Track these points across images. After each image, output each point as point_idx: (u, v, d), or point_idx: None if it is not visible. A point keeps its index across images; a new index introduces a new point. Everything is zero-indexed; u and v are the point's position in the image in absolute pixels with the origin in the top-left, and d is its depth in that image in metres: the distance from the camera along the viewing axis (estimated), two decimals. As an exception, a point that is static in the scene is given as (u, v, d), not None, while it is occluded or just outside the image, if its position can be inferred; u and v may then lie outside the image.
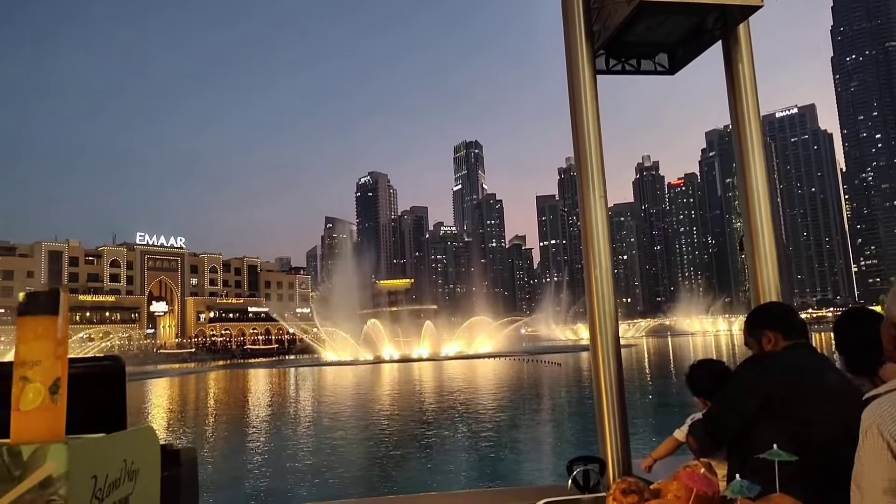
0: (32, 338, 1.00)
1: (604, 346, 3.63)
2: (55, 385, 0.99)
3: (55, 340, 1.01)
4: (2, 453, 0.89)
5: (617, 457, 3.51)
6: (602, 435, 3.59)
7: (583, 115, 3.79)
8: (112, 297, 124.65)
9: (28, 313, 1.02)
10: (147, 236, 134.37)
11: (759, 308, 2.99)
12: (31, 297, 1.03)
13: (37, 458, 0.88)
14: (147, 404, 41.84)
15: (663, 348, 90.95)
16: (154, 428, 1.25)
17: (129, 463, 1.06)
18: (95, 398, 1.68)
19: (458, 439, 22.33)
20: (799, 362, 2.54)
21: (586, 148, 3.78)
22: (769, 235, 3.79)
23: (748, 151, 3.88)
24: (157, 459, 1.23)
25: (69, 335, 1.06)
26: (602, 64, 4.34)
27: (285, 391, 48.62)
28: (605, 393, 3.60)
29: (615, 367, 3.63)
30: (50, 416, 0.97)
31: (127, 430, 1.17)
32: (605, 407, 3.59)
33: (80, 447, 0.93)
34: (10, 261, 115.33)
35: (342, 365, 79.10)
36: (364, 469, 18.22)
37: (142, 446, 1.16)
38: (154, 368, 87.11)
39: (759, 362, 2.63)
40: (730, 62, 3.95)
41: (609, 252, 3.73)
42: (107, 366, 1.81)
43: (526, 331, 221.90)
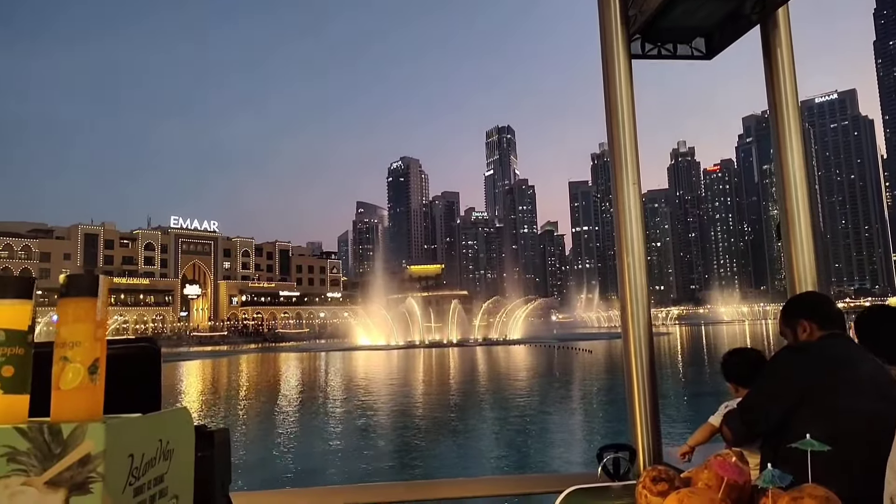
0: (73, 320, 1.03)
1: (636, 333, 3.62)
2: (94, 366, 1.03)
3: (94, 322, 1.04)
4: (42, 431, 0.92)
5: (648, 444, 3.50)
6: (633, 422, 3.59)
7: (617, 102, 3.75)
8: (146, 280, 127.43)
9: (69, 295, 1.05)
10: (181, 220, 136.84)
11: (795, 297, 2.95)
12: (72, 279, 1.06)
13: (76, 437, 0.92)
14: (181, 386, 42.91)
15: (697, 337, 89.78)
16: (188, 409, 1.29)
17: (164, 443, 1.10)
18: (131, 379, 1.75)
19: (486, 426, 22.45)
20: (835, 352, 2.51)
21: (620, 134, 3.75)
22: (806, 223, 3.72)
23: (785, 138, 3.80)
24: (191, 440, 1.25)
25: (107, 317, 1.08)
26: (637, 49, 4.28)
27: (316, 374, 49.34)
28: (637, 380, 3.59)
29: (647, 354, 3.61)
30: (89, 396, 1.01)
31: (162, 411, 1.19)
32: (637, 394, 3.58)
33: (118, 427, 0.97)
34: (48, 243, 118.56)
35: (372, 349, 79.89)
36: (393, 453, 18.46)
37: (177, 427, 1.19)
38: (187, 351, 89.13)
39: (796, 352, 2.60)
40: (768, 47, 3.86)
41: (642, 239, 3.71)
42: (143, 347, 1.86)
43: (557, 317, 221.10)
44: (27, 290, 1.04)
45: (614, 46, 3.76)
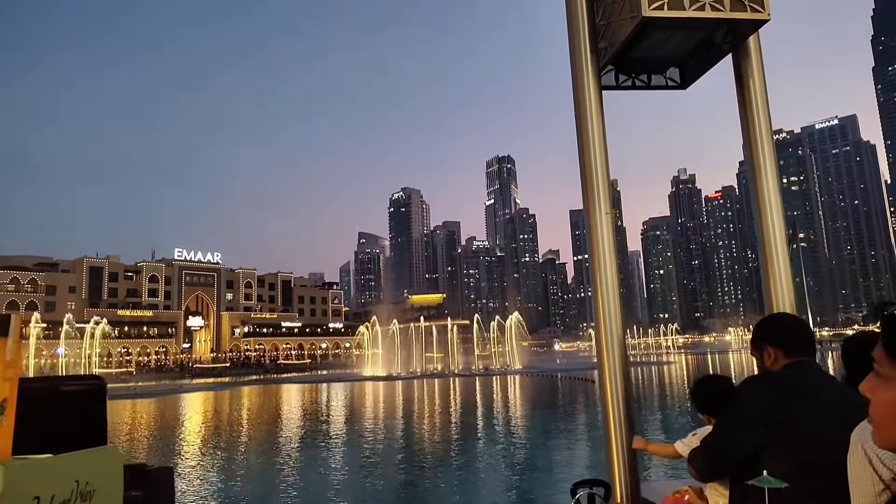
0: None
1: (611, 365, 3.57)
2: (1, 406, 1.00)
3: (4, 362, 1.02)
4: None
5: (624, 480, 3.43)
6: (609, 457, 3.52)
7: (588, 132, 3.76)
8: (150, 312, 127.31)
9: None
10: (185, 252, 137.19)
11: (763, 320, 2.85)
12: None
13: None
14: (182, 418, 42.52)
15: (701, 366, 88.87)
16: (117, 447, 1.22)
17: (82, 483, 1.05)
18: (76, 416, 1.73)
19: (472, 457, 22.17)
20: (798, 382, 2.42)
21: (592, 165, 3.75)
22: (783, 252, 3.69)
23: (760, 164, 3.80)
24: (118, 480, 1.21)
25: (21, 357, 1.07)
26: (611, 80, 4.32)
27: (316, 407, 48.87)
28: (612, 413, 3.52)
29: (623, 387, 3.55)
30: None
31: (81, 451, 1.15)
32: (613, 427, 3.52)
33: (20, 468, 0.93)
34: (54, 276, 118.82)
35: (374, 380, 79.25)
36: (388, 487, 18.16)
37: (100, 466, 1.15)
38: (189, 383, 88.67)
39: (755, 385, 2.53)
40: (740, 76, 3.89)
41: (615, 270, 3.68)
42: (88, 384, 1.85)
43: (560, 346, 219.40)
44: None
45: (584, 78, 3.78)
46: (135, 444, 29.32)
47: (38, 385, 1.64)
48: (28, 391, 1.35)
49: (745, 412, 2.43)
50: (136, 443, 29.73)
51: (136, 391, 70.38)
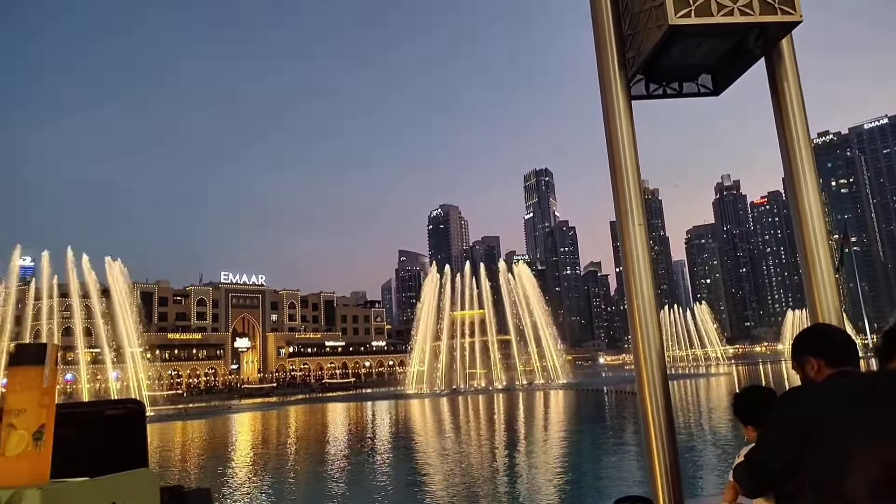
0: (20, 388, 1.06)
1: (650, 379, 3.50)
2: (39, 432, 1.04)
3: (41, 390, 1.06)
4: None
5: (667, 496, 3.34)
6: (651, 472, 3.43)
7: (619, 144, 3.73)
8: (199, 335, 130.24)
9: (17, 364, 1.08)
10: (231, 275, 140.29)
11: (803, 332, 2.77)
12: (20, 348, 1.09)
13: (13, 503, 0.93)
14: (233, 439, 43.22)
15: (754, 377, 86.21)
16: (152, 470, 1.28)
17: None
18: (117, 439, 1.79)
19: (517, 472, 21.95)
20: (840, 392, 2.32)
21: (624, 175, 3.71)
22: (826, 260, 3.57)
23: (798, 171, 3.70)
24: (154, 501, 1.25)
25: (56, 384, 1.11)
26: (641, 89, 4.27)
27: (363, 425, 49.09)
28: (654, 428, 3.45)
29: (663, 401, 3.48)
30: (32, 462, 1.03)
31: (118, 474, 1.19)
32: (654, 442, 3.43)
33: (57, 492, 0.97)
34: (107, 303, 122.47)
35: (418, 397, 79.29)
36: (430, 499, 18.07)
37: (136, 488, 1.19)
38: (238, 403, 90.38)
39: (794, 397, 2.44)
40: (774, 80, 3.80)
41: (652, 281, 3.61)
42: (128, 408, 1.91)
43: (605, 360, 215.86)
44: None
45: (613, 89, 3.76)
46: (185, 464, 29.92)
47: (79, 410, 1.70)
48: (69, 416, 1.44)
49: (778, 425, 2.36)
50: (185, 463, 30.34)
51: (187, 412, 72.03)
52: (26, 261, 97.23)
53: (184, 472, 27.12)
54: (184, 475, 25.75)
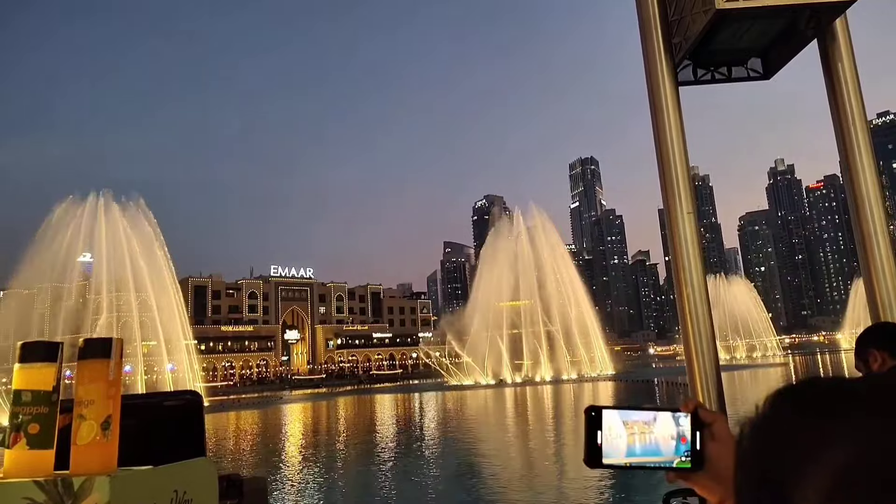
0: (88, 380, 1.13)
1: (701, 370, 3.44)
2: (107, 422, 1.11)
3: (107, 381, 1.14)
4: (57, 484, 1.01)
5: (719, 489, 3.28)
6: (702, 466, 3.38)
7: (666, 131, 3.66)
8: (251, 328, 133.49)
9: (85, 357, 1.15)
10: (280, 268, 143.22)
11: (868, 328, 2.72)
12: (88, 343, 1.17)
13: (84, 490, 1.00)
14: (285, 428, 44.30)
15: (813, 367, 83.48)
16: (211, 459, 1.34)
17: (180, 493, 1.16)
18: (176, 429, 1.87)
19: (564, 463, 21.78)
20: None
21: (671, 163, 3.64)
22: (885, 245, 3.44)
23: (855, 156, 3.56)
24: (213, 489, 1.32)
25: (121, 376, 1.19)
26: (689, 75, 4.18)
27: (410, 415, 49.60)
28: (704, 421, 3.39)
29: (715, 392, 3.42)
30: (102, 450, 1.10)
31: (178, 463, 1.24)
32: (705, 436, 3.38)
33: (124, 479, 1.04)
34: (162, 297, 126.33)
35: (464, 389, 79.58)
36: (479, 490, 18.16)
37: (195, 477, 1.25)
38: (289, 394, 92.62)
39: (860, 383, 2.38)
40: (827, 62, 3.67)
41: (702, 270, 3.55)
42: (186, 399, 1.99)
43: (655, 350, 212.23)
44: (52, 353, 1.14)
45: (659, 76, 3.68)
46: (239, 453, 30.81)
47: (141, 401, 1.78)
48: (132, 407, 1.46)
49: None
50: (240, 452, 31.23)
51: (241, 403, 74.11)
52: (86, 257, 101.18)
53: (238, 460, 27.93)
54: (239, 463, 26.53)
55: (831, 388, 0.61)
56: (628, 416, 1.23)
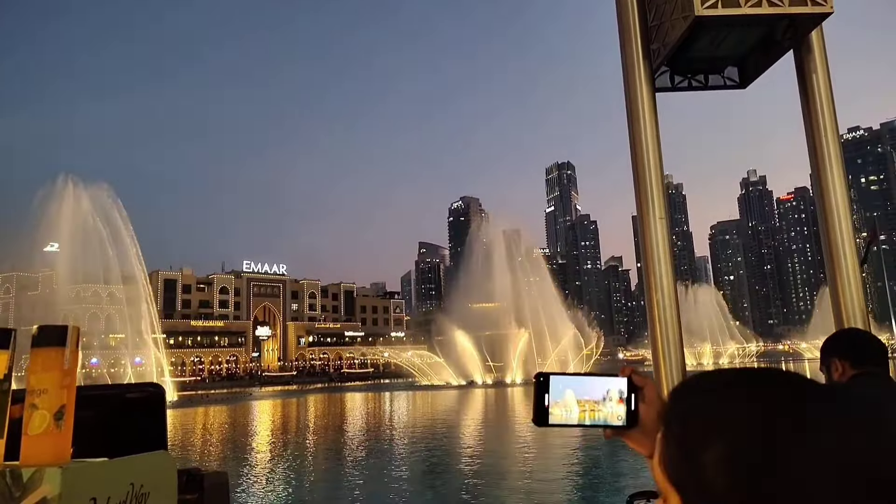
0: (41, 368, 1.08)
1: (668, 374, 3.46)
2: (60, 412, 1.06)
3: (62, 371, 1.08)
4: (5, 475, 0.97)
5: (684, 493, 3.31)
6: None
7: (641, 135, 3.68)
8: (221, 323, 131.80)
9: (39, 345, 1.09)
10: (252, 264, 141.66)
11: (830, 336, 2.76)
12: (42, 330, 1.11)
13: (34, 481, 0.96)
14: (252, 424, 43.82)
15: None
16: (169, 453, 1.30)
17: (136, 486, 1.12)
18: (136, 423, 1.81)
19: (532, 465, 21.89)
20: (863, 394, 2.28)
21: (646, 167, 3.66)
22: (851, 256, 3.50)
23: (825, 167, 3.62)
24: (172, 483, 1.27)
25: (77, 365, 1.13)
26: (666, 81, 4.21)
27: (379, 414, 49.43)
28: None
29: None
30: (54, 441, 1.05)
31: (136, 455, 1.20)
32: (672, 440, 3.40)
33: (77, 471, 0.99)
34: (131, 289, 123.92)
35: (434, 389, 79.62)
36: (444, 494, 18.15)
37: (154, 470, 1.21)
38: (259, 391, 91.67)
39: None
40: (802, 73, 3.73)
41: (672, 276, 3.57)
42: (148, 392, 1.93)
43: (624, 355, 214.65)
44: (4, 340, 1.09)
45: (636, 81, 3.70)
46: (204, 448, 30.38)
47: (100, 392, 1.72)
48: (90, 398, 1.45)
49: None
50: (205, 447, 30.80)
51: (208, 398, 73.13)
52: (54, 247, 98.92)
53: (202, 455, 27.53)
54: (202, 458, 26.15)
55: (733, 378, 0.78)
56: (573, 381, 1.37)
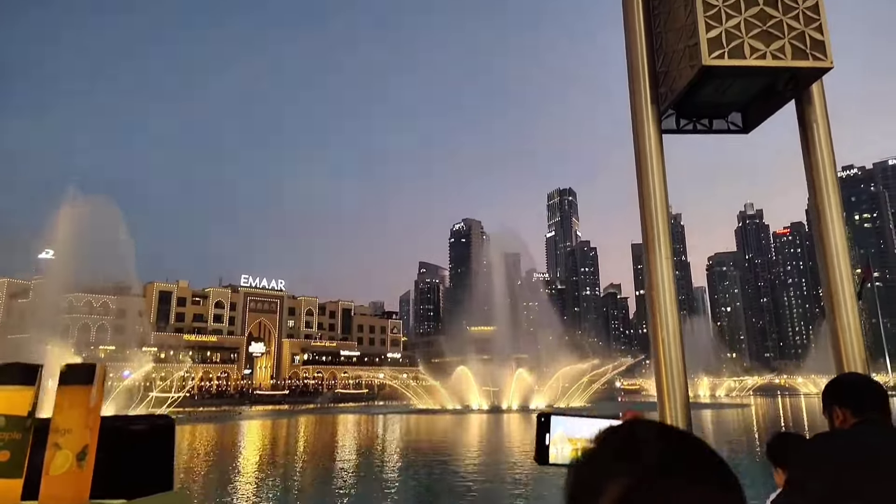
0: (68, 406, 1.08)
1: (672, 412, 3.52)
2: (83, 452, 1.07)
3: (87, 409, 1.09)
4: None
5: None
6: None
7: (649, 177, 3.78)
8: (214, 338, 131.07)
9: (66, 383, 1.09)
10: (251, 279, 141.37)
11: (830, 382, 2.82)
12: (70, 368, 1.11)
13: None
14: (238, 446, 43.39)
15: (774, 410, 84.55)
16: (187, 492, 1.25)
17: None
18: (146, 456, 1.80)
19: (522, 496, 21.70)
20: (864, 442, 2.35)
21: (653, 210, 3.76)
22: (851, 302, 3.58)
23: (826, 213, 3.72)
24: None
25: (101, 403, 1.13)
26: (672, 123, 4.34)
27: (372, 439, 48.98)
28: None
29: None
30: (75, 482, 1.05)
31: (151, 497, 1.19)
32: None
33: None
34: (124, 300, 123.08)
35: (430, 413, 78.97)
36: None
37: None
38: (248, 410, 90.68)
39: (819, 444, 2.47)
40: (804, 122, 3.85)
41: (677, 315, 3.65)
42: (157, 424, 1.93)
43: (621, 383, 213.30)
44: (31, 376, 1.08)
45: (645, 124, 3.82)
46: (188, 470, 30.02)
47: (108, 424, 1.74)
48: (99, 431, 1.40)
49: (804, 472, 2.39)
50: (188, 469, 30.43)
51: (195, 416, 72.12)
52: (49, 254, 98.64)
53: (186, 478, 27.19)
54: (185, 482, 25.81)
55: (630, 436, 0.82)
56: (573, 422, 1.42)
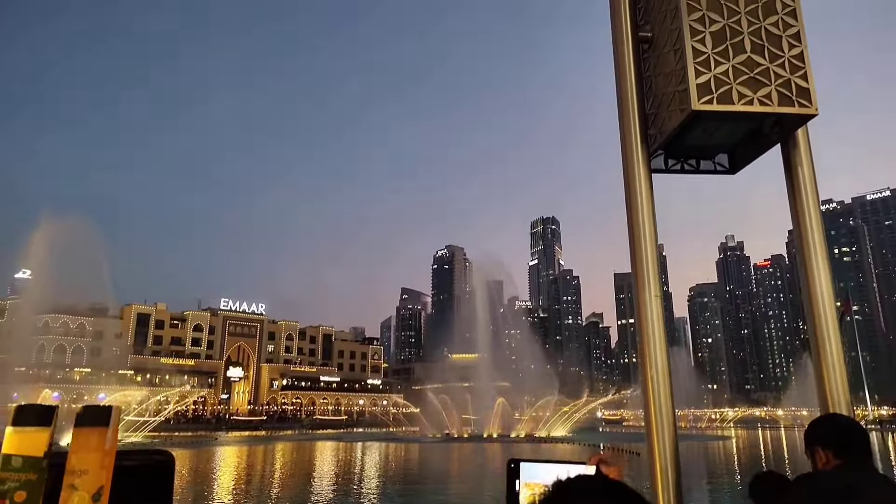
0: (84, 448, 1.11)
1: (661, 450, 3.53)
2: (98, 493, 1.10)
3: (103, 451, 1.12)
4: None
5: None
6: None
7: (638, 216, 3.85)
8: (192, 361, 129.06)
9: (83, 425, 1.13)
10: (231, 302, 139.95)
11: (812, 422, 2.86)
12: (88, 410, 1.15)
13: None
14: (212, 473, 42.54)
15: (754, 442, 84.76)
16: None
17: None
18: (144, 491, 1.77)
19: None
20: (848, 485, 2.38)
21: (642, 247, 3.82)
22: (836, 343, 3.65)
23: (811, 255, 3.81)
24: None
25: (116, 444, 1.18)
26: (660, 163, 4.43)
27: (350, 468, 48.27)
28: (663, 499, 3.47)
29: (673, 471, 3.51)
30: None
31: None
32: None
33: None
34: (102, 322, 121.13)
35: (408, 441, 78.14)
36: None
37: None
38: (224, 436, 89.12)
39: (803, 486, 2.51)
40: (789, 165, 3.96)
41: (666, 353, 3.69)
42: (157, 460, 1.91)
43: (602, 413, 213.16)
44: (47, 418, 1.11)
45: (635, 164, 3.90)
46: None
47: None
48: None
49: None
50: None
51: (169, 441, 70.78)
52: (26, 273, 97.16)
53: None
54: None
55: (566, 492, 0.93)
56: (540, 468, 1.42)
